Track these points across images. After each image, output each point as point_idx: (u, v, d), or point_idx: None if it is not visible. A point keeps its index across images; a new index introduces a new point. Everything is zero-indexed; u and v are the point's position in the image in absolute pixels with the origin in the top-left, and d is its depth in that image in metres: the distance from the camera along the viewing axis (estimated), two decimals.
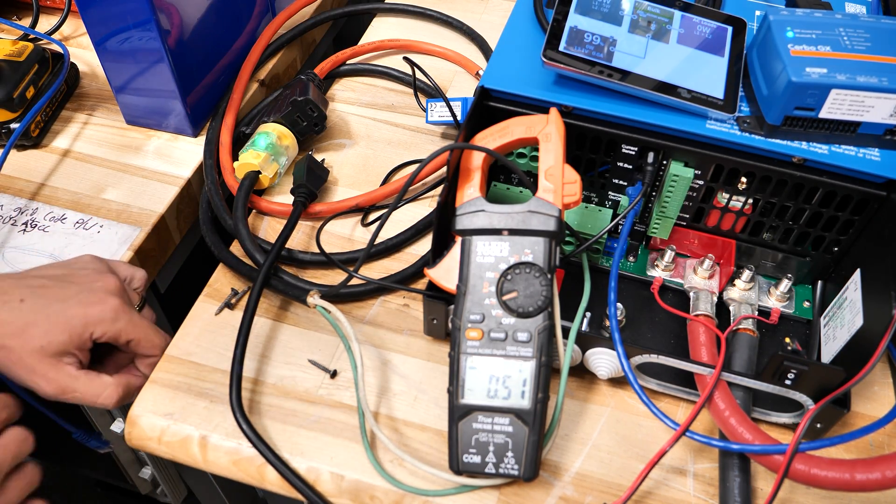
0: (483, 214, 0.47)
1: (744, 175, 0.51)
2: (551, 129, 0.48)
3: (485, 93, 0.53)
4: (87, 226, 0.63)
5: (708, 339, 0.51)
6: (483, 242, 0.46)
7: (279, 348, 0.56)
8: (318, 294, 0.55)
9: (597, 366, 0.51)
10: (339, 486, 0.49)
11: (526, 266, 0.45)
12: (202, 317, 0.58)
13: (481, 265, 0.46)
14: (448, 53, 0.77)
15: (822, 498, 0.49)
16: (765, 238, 0.55)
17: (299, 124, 0.67)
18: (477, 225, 0.47)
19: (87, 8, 0.61)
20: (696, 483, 0.50)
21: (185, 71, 0.66)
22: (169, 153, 0.69)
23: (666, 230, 0.56)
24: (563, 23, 0.52)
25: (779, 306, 0.55)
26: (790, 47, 0.49)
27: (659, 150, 0.52)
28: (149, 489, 0.80)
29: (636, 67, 0.51)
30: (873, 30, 0.50)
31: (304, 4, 0.79)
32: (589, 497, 0.49)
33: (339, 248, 0.62)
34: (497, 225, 0.46)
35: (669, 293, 0.57)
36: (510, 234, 0.46)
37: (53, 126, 0.71)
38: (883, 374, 0.55)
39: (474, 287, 0.46)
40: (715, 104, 0.50)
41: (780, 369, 0.46)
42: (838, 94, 0.47)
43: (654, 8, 0.54)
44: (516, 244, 0.46)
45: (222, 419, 0.52)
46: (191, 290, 0.61)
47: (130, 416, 0.53)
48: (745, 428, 0.46)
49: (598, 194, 0.57)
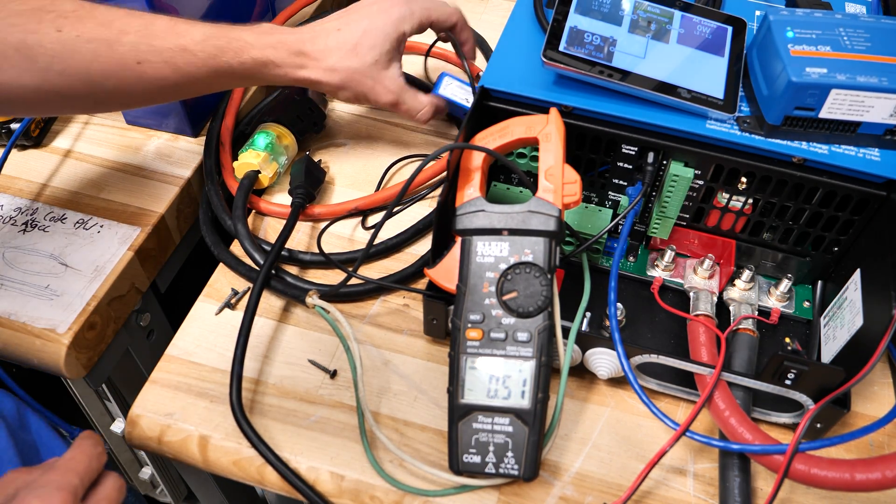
0: (483, 214, 0.47)
1: (744, 175, 0.51)
2: (551, 129, 0.48)
3: (485, 93, 0.53)
4: (87, 226, 0.63)
5: (708, 339, 0.51)
6: (483, 242, 0.46)
7: (279, 348, 0.56)
8: (316, 294, 0.55)
9: (597, 366, 0.51)
10: (339, 486, 0.49)
11: (526, 266, 0.45)
12: (202, 317, 0.58)
13: (481, 265, 0.46)
14: (448, 54, 0.77)
15: (822, 498, 0.49)
16: (765, 238, 0.55)
17: (298, 124, 0.67)
18: (477, 225, 0.47)
19: None
20: (696, 483, 0.50)
21: None
22: (169, 153, 0.69)
23: (666, 230, 0.56)
24: (563, 23, 0.52)
25: (779, 306, 0.55)
26: (790, 47, 0.49)
27: (659, 150, 0.52)
28: (148, 489, 0.80)
29: (636, 67, 0.51)
30: (873, 30, 0.50)
31: (304, 4, 0.79)
32: (589, 497, 0.49)
33: (340, 248, 0.62)
34: (497, 225, 0.46)
35: (669, 293, 0.57)
36: (510, 234, 0.46)
37: (54, 126, 0.71)
38: (883, 374, 0.55)
39: (474, 287, 0.46)
40: (715, 104, 0.50)
41: (780, 369, 0.46)
42: (838, 94, 0.47)
43: (654, 8, 0.54)
44: (516, 244, 0.46)
45: (222, 419, 0.52)
46: (191, 290, 0.61)
47: (130, 416, 0.53)
48: (745, 428, 0.46)
49: (598, 194, 0.57)
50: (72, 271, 0.59)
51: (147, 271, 0.63)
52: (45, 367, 0.57)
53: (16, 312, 0.57)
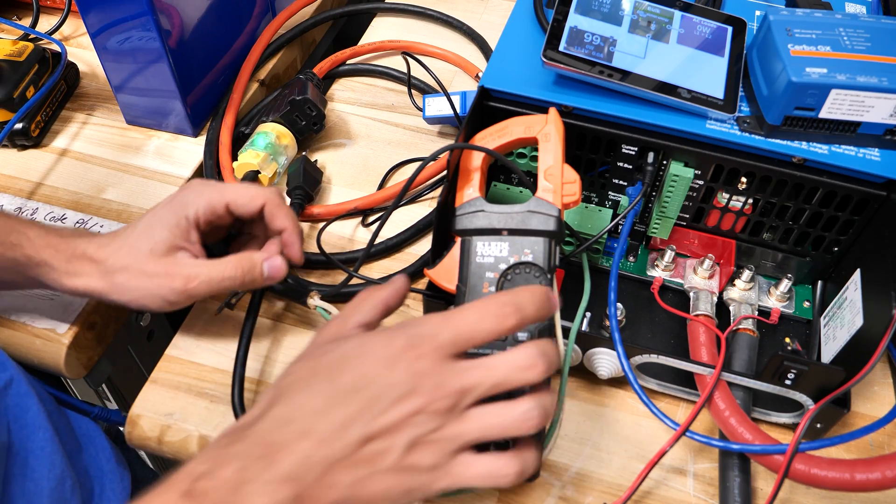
0: (482, 214, 0.47)
1: (744, 175, 0.51)
2: (550, 128, 0.48)
3: (485, 93, 0.53)
4: (88, 225, 0.63)
5: (708, 339, 0.51)
6: (483, 243, 0.46)
7: (281, 349, 0.56)
8: (317, 295, 0.55)
9: (597, 366, 0.51)
10: None
11: (526, 266, 0.45)
12: (202, 317, 0.58)
13: (481, 265, 0.46)
14: (447, 55, 0.77)
15: (822, 498, 0.49)
16: (765, 238, 0.55)
17: (298, 123, 0.67)
18: (476, 225, 0.46)
19: (87, 8, 0.61)
20: (696, 483, 0.50)
21: (185, 71, 0.66)
22: (169, 153, 0.69)
23: (666, 230, 0.56)
24: (563, 23, 0.52)
25: (779, 306, 0.55)
26: (790, 47, 0.49)
27: (659, 150, 0.52)
28: None
29: (636, 67, 0.51)
30: (873, 30, 0.50)
31: (304, 4, 0.79)
32: (589, 497, 0.49)
33: (340, 248, 0.62)
34: (497, 225, 0.46)
35: (669, 293, 0.57)
36: (510, 234, 0.46)
37: (53, 126, 0.71)
38: (883, 374, 0.55)
39: (474, 287, 0.46)
40: (715, 104, 0.50)
41: (780, 369, 0.46)
42: (838, 94, 0.47)
43: (654, 8, 0.54)
44: (516, 244, 0.46)
45: (223, 419, 0.52)
46: None
47: (130, 416, 0.53)
48: (745, 428, 0.46)
49: (598, 194, 0.57)
50: None
51: None
52: (45, 367, 0.57)
53: (16, 312, 0.57)
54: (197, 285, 0.49)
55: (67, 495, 0.51)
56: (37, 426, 0.51)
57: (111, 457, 0.57)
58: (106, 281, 0.49)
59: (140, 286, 0.49)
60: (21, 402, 0.51)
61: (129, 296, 0.49)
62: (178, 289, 0.48)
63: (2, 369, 0.51)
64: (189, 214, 0.50)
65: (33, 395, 0.52)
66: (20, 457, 0.49)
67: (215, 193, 0.50)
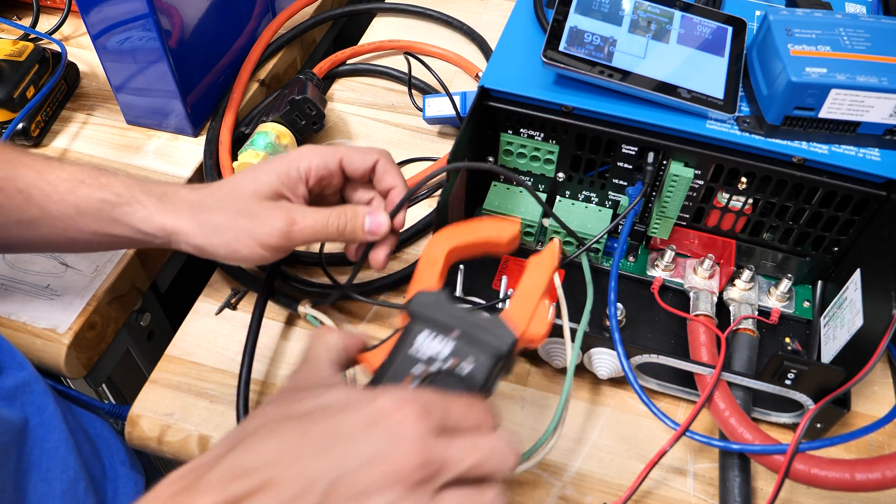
0: (442, 306, 0.40)
1: (744, 175, 0.51)
2: (546, 256, 0.44)
3: (485, 93, 0.53)
4: None
5: (708, 339, 0.51)
6: (428, 335, 0.40)
7: (285, 350, 0.56)
8: (308, 303, 0.54)
9: (597, 366, 0.51)
10: None
11: (459, 380, 0.38)
12: (202, 317, 0.58)
13: (415, 357, 0.39)
14: (447, 55, 0.77)
15: (822, 498, 0.49)
16: (765, 238, 0.55)
17: (298, 123, 0.67)
18: (433, 315, 0.40)
19: (87, 8, 0.61)
20: (696, 483, 0.50)
21: (185, 71, 0.66)
22: (169, 153, 0.69)
23: (666, 230, 0.56)
24: (564, 23, 0.52)
25: (779, 306, 0.55)
26: (790, 47, 0.49)
27: (659, 150, 0.52)
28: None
29: (636, 67, 0.51)
30: (873, 30, 0.50)
31: (304, 4, 0.79)
32: (589, 497, 0.49)
33: (340, 248, 0.62)
34: (451, 323, 0.40)
35: (669, 293, 0.57)
36: (458, 339, 0.39)
37: (53, 126, 0.71)
38: (883, 374, 0.55)
39: (396, 374, 0.39)
40: (715, 104, 0.50)
41: (780, 369, 0.46)
42: (838, 94, 0.47)
43: (654, 8, 0.54)
44: (462, 350, 0.39)
45: (223, 419, 0.52)
46: (191, 290, 0.61)
47: (130, 416, 0.53)
48: (745, 428, 0.46)
49: (598, 194, 0.57)
50: (72, 271, 0.59)
51: (147, 271, 0.63)
52: (45, 367, 0.57)
53: (16, 312, 0.57)
54: (301, 228, 0.46)
55: (80, 497, 0.50)
56: (52, 426, 0.50)
57: (125, 459, 0.56)
58: (197, 220, 0.47)
59: (236, 226, 0.46)
60: (39, 400, 0.51)
61: (221, 238, 0.46)
62: (281, 230, 0.46)
63: (20, 368, 0.51)
64: (301, 166, 0.48)
65: (50, 394, 0.51)
66: (34, 456, 0.49)
67: (330, 150, 0.49)
